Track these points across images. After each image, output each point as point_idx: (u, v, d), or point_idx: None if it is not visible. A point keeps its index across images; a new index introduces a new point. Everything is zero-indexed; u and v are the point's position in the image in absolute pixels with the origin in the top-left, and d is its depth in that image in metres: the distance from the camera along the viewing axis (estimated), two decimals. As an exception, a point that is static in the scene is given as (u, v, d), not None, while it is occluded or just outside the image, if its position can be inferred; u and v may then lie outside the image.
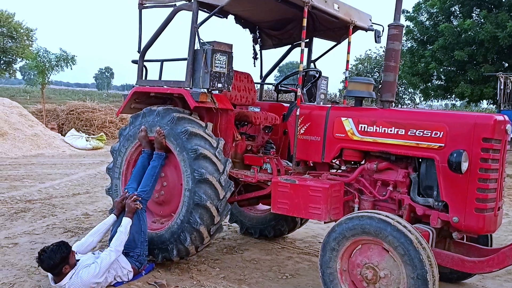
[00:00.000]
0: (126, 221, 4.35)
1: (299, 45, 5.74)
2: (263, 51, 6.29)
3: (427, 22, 24.33)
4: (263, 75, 6.33)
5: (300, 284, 4.58)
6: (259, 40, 6.21)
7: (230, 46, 4.70)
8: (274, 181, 4.38)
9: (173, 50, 4.83)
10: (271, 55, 6.47)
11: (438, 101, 30.01)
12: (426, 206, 3.91)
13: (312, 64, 6.01)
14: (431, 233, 3.74)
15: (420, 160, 4.04)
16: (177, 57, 4.88)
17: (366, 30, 5.41)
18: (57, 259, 3.86)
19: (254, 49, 6.21)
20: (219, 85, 4.55)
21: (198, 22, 4.58)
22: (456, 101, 30.67)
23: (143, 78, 5.23)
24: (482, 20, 20.84)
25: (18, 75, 58.51)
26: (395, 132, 4.00)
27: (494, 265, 3.63)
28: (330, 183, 4.16)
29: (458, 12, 23.45)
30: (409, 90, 36.96)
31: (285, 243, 5.96)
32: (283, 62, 5.37)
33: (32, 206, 7.29)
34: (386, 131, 4.05)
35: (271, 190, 4.45)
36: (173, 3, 4.80)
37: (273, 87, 5.94)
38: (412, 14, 24.51)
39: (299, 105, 4.51)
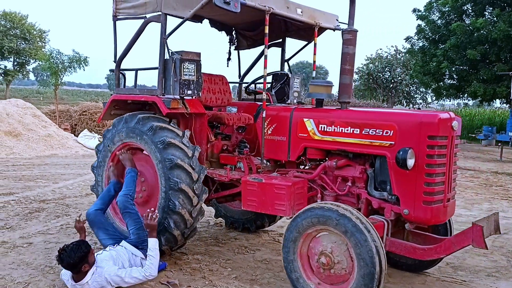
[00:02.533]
0: (153, 242, 4.34)
1: (274, 45, 6.21)
2: (240, 51, 6.58)
3: (439, 21, 24.22)
4: (241, 74, 6.61)
5: (312, 284, 4.57)
6: (235, 41, 6.48)
7: (198, 54, 4.98)
8: (243, 180, 4.67)
9: (152, 58, 5.05)
10: (253, 55, 6.74)
11: (450, 101, 29.72)
12: (381, 199, 4.22)
13: (285, 64, 6.27)
14: (386, 224, 4.07)
15: (375, 156, 4.32)
16: (153, 66, 5.19)
17: (333, 30, 5.70)
18: (77, 258, 3.94)
19: (230, 51, 6.49)
20: (189, 92, 4.87)
21: (166, 33, 4.84)
22: (469, 100, 30.39)
23: (120, 86, 5.55)
24: (495, 18, 20.73)
25: (31, 76, 59.14)
26: (351, 132, 4.30)
27: (441, 252, 3.97)
28: (293, 180, 4.46)
29: (470, 11, 23.33)
30: (421, 90, 36.76)
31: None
32: (292, 62, 5.56)
33: (46, 206, 7.39)
34: (343, 131, 4.36)
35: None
36: (144, 15, 5.07)
37: (254, 88, 6.32)
38: (424, 13, 24.40)
39: (265, 108, 4.79)
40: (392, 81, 38.06)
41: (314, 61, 5.59)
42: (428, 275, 4.86)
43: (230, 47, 6.46)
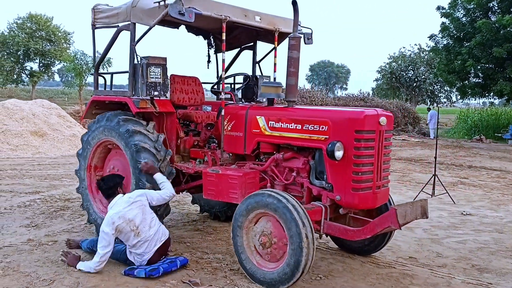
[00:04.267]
0: (160, 176, 5.16)
1: (247, 47, 6.93)
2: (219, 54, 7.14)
3: (464, 19, 23.93)
4: (219, 76, 7.01)
5: (334, 285, 4.55)
6: (214, 44, 7.09)
7: (164, 59, 5.56)
8: (204, 171, 5.23)
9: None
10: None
11: (475, 99, 29.16)
12: (320, 187, 4.74)
13: (257, 66, 6.83)
14: (324, 209, 4.62)
15: (315, 149, 4.82)
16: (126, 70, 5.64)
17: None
18: (115, 181, 4.92)
19: (209, 54, 7.12)
20: (156, 93, 5.45)
21: (135, 40, 5.37)
22: (495, 99, 29.79)
23: (99, 88, 6.16)
24: (522, 15, 20.15)
25: (56, 77, 60.28)
26: (295, 127, 4.84)
27: (367, 233, 4.44)
28: (244, 171, 5.02)
29: (496, 8, 22.88)
30: (445, 88, 36.19)
31: (318, 244, 5.92)
32: (315, 61, 5.74)
33: (71, 204, 7.57)
34: (288, 127, 4.90)
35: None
36: (117, 24, 5.74)
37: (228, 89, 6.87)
38: (448, 10, 24.13)
39: (223, 107, 5.38)
40: (416, 80, 37.68)
41: (275, 64, 6.17)
42: (453, 277, 4.82)
43: (208, 51, 7.12)
